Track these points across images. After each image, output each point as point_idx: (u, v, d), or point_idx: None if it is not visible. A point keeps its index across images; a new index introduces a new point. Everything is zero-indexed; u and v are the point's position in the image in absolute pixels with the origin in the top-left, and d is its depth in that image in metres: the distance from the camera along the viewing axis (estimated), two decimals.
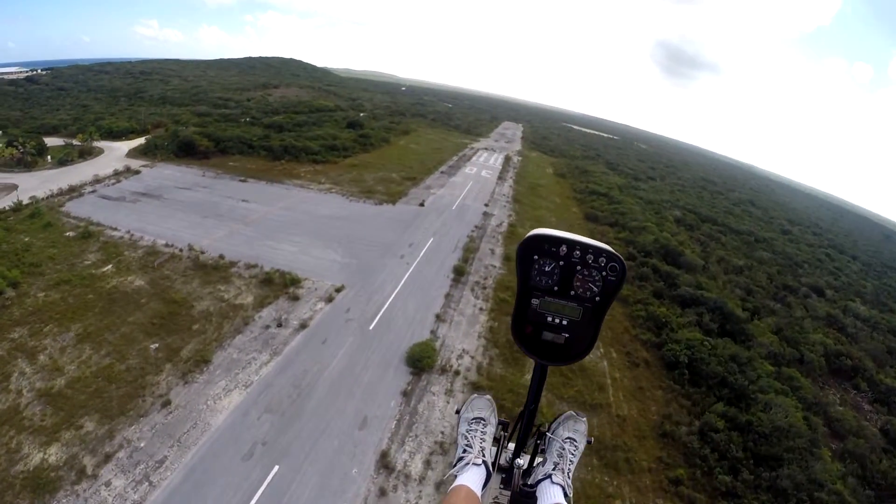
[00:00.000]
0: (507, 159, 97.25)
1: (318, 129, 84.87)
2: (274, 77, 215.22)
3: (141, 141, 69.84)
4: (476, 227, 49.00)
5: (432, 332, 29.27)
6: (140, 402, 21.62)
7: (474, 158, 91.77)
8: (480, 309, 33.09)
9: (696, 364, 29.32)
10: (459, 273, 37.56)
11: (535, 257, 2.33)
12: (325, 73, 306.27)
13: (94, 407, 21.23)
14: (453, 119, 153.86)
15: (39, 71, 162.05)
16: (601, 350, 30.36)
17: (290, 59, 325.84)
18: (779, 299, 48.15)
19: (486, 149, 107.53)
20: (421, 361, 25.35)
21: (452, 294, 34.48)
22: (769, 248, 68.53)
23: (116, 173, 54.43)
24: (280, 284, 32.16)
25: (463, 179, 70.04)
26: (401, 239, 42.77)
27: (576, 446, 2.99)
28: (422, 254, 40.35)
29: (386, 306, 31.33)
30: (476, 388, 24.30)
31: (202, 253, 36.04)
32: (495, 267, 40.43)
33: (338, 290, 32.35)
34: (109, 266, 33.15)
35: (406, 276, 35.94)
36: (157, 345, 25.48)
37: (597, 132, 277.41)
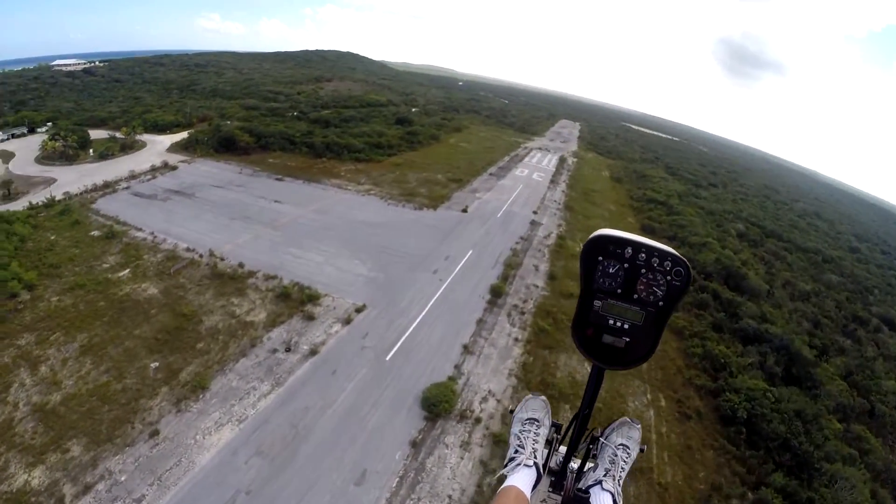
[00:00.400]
0: (562, 161, 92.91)
1: (364, 125, 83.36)
2: (329, 70, 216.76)
3: (185, 135, 69.97)
4: (521, 238, 45.59)
5: (456, 366, 26.24)
6: (129, 428, 20.08)
7: (527, 159, 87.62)
8: (515, 339, 29.69)
9: (755, 421, 25.31)
10: (496, 294, 34.24)
11: (600, 258, 2.33)
12: (380, 66, 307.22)
13: (83, 429, 19.90)
14: (508, 116, 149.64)
15: (97, 63, 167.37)
16: (648, 396, 26.78)
17: (347, 52, 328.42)
18: (848, 333, 42.99)
19: (540, 149, 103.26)
20: (437, 406, 22.36)
21: (485, 320, 31.23)
22: (837, 270, 62.48)
23: (153, 169, 54.43)
24: (297, 301, 30.08)
25: (512, 183, 66.45)
26: (437, 250, 40.01)
27: (628, 453, 2.90)
28: (457, 269, 37.37)
29: (408, 332, 28.54)
30: (497, 440, 21.42)
31: (221, 259, 34.65)
32: (538, 287, 36.78)
33: (358, 311, 29.88)
34: (126, 271, 32.08)
35: (437, 295, 33.08)
36: (157, 363, 23.91)
37: (656, 133, 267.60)
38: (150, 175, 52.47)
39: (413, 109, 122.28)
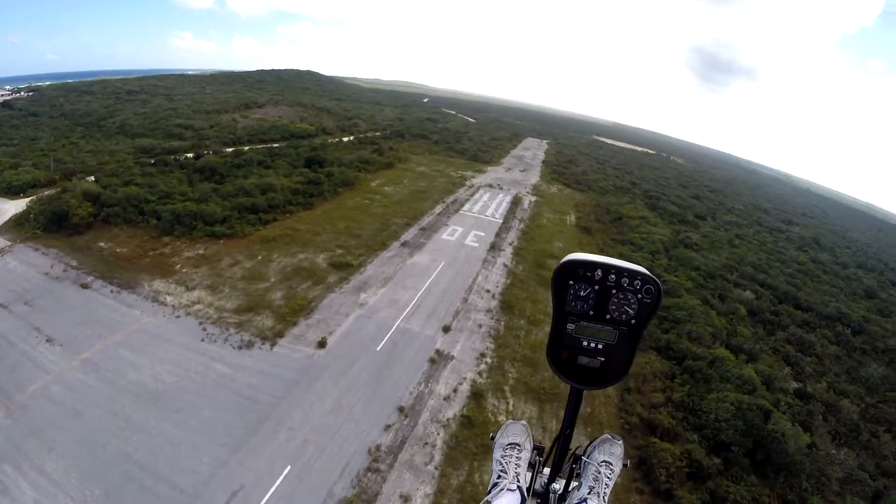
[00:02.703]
0: (515, 203, 73.09)
1: (259, 172, 64.05)
2: (279, 92, 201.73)
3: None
4: (399, 410, 25.80)
5: None
6: None
7: (467, 207, 66.79)
8: None
9: None
10: None
11: (571, 282, 2.40)
12: (338, 85, 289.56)
13: None
14: (462, 140, 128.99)
15: (21, 93, 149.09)
16: None
17: (306, 70, 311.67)
18: None
19: (490, 186, 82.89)
20: None
21: None
22: (869, 343, 46.85)
23: None
24: None
25: (430, 259, 46.18)
26: (219, 475, 20.76)
27: (612, 469, 2.91)
28: None
29: None
30: None
31: None
32: None
33: None
34: None
35: None
36: None
37: (630, 146, 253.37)
38: None
39: (346, 139, 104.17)
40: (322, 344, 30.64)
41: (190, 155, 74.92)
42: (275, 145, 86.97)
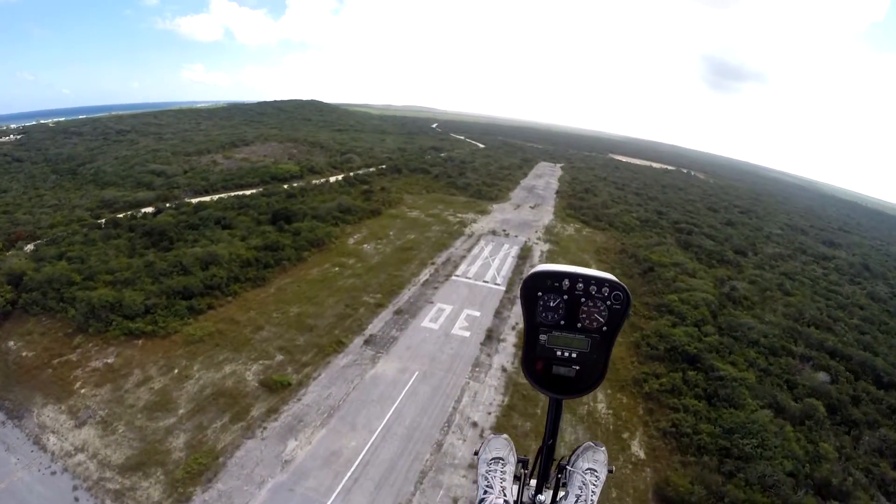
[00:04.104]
0: (524, 256, 60.27)
1: (211, 235, 53.33)
2: (283, 123, 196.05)
3: None
4: None
5: None
6: None
7: (462, 268, 54.26)
8: None
9: None
10: None
11: (540, 294, 2.39)
12: (344, 113, 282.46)
13: None
14: (465, 173, 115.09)
15: (11, 136, 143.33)
16: None
17: (309, 100, 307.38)
18: None
19: (494, 233, 69.90)
20: None
21: None
22: None
23: None
24: None
25: (400, 366, 33.78)
26: None
27: (597, 477, 2.87)
28: None
29: None
30: None
31: None
32: None
33: None
34: None
35: None
36: None
37: (648, 162, 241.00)
38: None
39: (334, 179, 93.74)
40: None
41: (149, 210, 65.53)
42: (248, 192, 76.99)
